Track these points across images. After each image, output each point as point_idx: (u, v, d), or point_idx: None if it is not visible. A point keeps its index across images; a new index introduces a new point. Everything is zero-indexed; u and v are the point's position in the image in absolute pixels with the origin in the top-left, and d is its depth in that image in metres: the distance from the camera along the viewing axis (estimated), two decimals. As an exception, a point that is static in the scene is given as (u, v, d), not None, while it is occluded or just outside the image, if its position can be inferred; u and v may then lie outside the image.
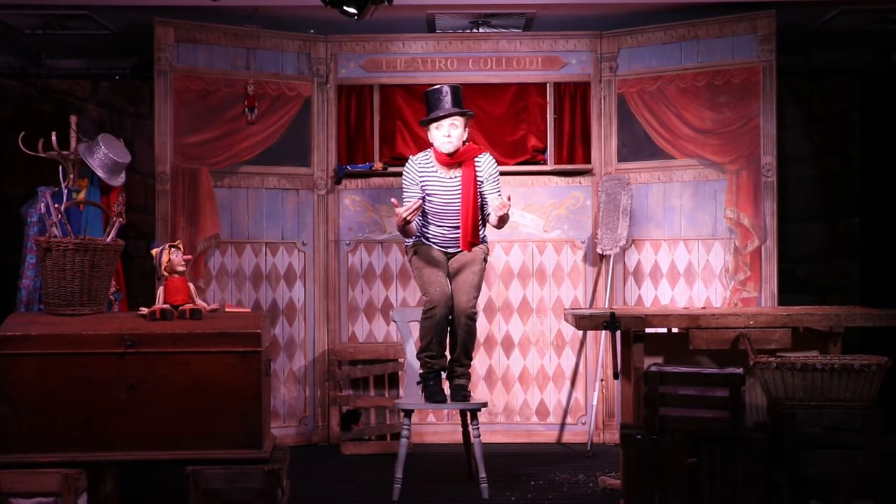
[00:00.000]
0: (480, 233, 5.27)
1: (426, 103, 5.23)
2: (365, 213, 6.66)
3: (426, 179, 5.23)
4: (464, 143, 5.23)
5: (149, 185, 6.89)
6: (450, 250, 5.28)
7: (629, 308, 5.87)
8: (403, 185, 5.26)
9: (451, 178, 5.21)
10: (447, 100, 5.16)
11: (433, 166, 5.23)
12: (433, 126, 5.19)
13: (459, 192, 5.17)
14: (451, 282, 5.25)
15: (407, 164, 5.30)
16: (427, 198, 5.22)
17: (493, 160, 5.28)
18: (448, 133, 5.16)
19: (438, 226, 5.25)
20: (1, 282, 6.45)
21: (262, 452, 4.42)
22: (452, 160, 5.19)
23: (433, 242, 5.28)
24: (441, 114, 5.15)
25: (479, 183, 5.21)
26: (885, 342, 5.91)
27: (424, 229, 5.28)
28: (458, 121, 5.16)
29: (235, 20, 6.40)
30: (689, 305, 6.29)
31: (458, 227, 5.21)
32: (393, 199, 5.12)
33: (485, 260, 5.28)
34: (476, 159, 5.22)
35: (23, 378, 4.37)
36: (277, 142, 6.54)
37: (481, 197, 5.24)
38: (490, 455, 5.66)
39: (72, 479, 4.29)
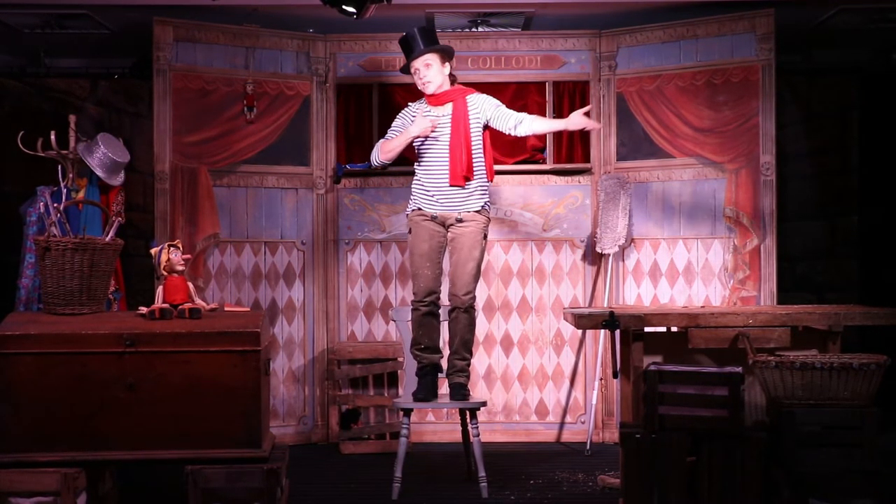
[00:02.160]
0: (476, 170, 5.20)
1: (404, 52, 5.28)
2: (364, 212, 6.66)
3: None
4: (452, 81, 5.26)
5: (148, 184, 6.89)
6: (449, 212, 5.20)
7: (628, 307, 5.87)
8: (392, 125, 5.34)
9: (442, 115, 5.22)
10: (416, 43, 5.18)
11: (425, 107, 5.27)
12: (412, 72, 5.23)
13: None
14: (449, 261, 5.21)
15: (404, 109, 5.36)
16: (419, 141, 5.22)
17: (487, 96, 5.30)
18: (423, 74, 5.19)
19: (433, 172, 5.20)
20: (0, 281, 6.45)
21: (262, 451, 4.42)
22: (444, 96, 5.20)
23: (432, 202, 5.21)
24: (411, 57, 5.18)
25: (477, 121, 5.20)
26: (884, 341, 5.91)
27: (427, 182, 5.23)
28: (431, 58, 5.18)
29: (234, 19, 6.40)
30: (688, 304, 6.28)
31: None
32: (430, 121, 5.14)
33: (485, 238, 5.24)
34: (468, 98, 5.23)
35: (22, 377, 4.37)
36: (276, 141, 6.54)
37: (485, 130, 5.24)
38: (489, 454, 5.66)
39: (71, 478, 4.29)
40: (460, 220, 5.20)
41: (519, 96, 6.67)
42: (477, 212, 5.22)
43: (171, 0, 6.15)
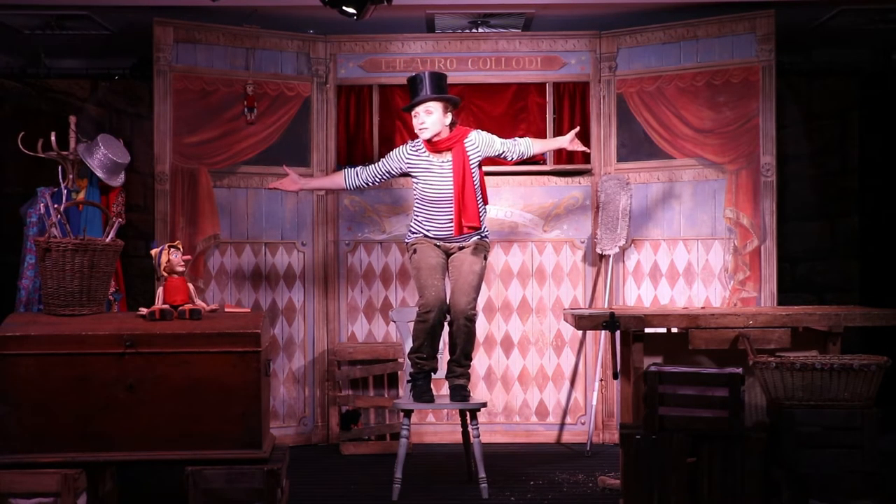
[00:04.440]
0: (481, 216, 5.22)
1: (409, 92, 5.27)
2: (364, 213, 6.66)
3: (415, 166, 5.24)
4: (451, 127, 5.24)
5: (148, 185, 6.89)
6: (451, 244, 5.25)
7: (628, 308, 5.87)
8: (386, 156, 5.37)
9: (442, 162, 5.20)
10: (422, 87, 5.17)
11: (424, 152, 5.24)
12: (412, 115, 5.22)
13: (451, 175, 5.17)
14: (450, 279, 5.25)
15: (399, 147, 5.36)
16: (421, 186, 5.23)
17: (484, 132, 5.31)
18: (422, 120, 5.17)
19: (436, 215, 5.20)
20: (0, 282, 6.46)
21: (262, 452, 4.42)
22: (437, 146, 5.19)
23: (432, 237, 5.26)
24: (414, 101, 5.18)
25: (477, 160, 5.21)
26: (884, 342, 5.92)
27: (426, 222, 5.25)
28: (434, 106, 5.16)
29: (234, 20, 6.40)
30: (688, 305, 6.28)
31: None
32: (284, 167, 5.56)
33: (485, 258, 5.27)
34: (465, 141, 5.21)
35: (22, 378, 4.38)
36: (277, 142, 6.54)
37: (480, 167, 5.26)
38: (489, 455, 5.66)
39: (71, 479, 4.30)
40: (461, 248, 5.26)
41: (519, 97, 6.68)
42: (478, 240, 5.29)
43: (171, 1, 6.15)
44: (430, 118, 5.16)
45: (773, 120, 6.21)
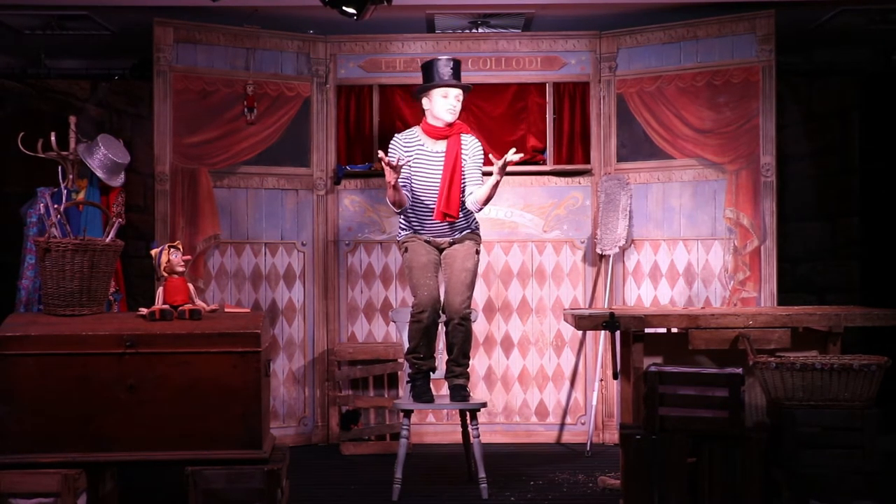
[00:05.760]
0: (461, 209, 5.22)
1: (428, 71, 5.22)
2: (364, 213, 6.66)
3: (411, 153, 5.22)
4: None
5: (148, 186, 6.89)
6: (441, 239, 5.25)
7: (628, 308, 5.87)
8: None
9: (436, 151, 5.22)
10: (456, 71, 5.22)
11: (420, 139, 5.26)
12: (439, 94, 5.19)
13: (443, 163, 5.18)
14: (443, 277, 5.24)
15: (391, 142, 5.32)
16: (413, 175, 5.21)
17: (480, 144, 5.33)
18: (453, 104, 5.21)
19: (424, 210, 5.20)
20: (0, 282, 6.46)
21: (262, 452, 4.42)
22: (446, 131, 5.21)
23: (423, 231, 5.25)
24: (457, 84, 5.18)
25: (465, 158, 5.23)
26: (884, 341, 5.92)
27: (413, 216, 5.25)
28: (462, 95, 5.24)
29: (235, 20, 6.40)
30: (688, 305, 6.28)
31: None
32: (380, 153, 5.03)
33: (477, 253, 5.26)
34: (463, 136, 5.26)
35: (22, 378, 4.37)
36: (277, 142, 6.54)
37: (463, 176, 5.24)
38: (489, 455, 5.66)
39: (71, 479, 4.30)
40: (452, 244, 5.26)
41: (519, 97, 6.68)
42: (469, 234, 5.28)
43: (171, 1, 6.15)
44: (458, 105, 5.23)
45: (773, 120, 6.21)
